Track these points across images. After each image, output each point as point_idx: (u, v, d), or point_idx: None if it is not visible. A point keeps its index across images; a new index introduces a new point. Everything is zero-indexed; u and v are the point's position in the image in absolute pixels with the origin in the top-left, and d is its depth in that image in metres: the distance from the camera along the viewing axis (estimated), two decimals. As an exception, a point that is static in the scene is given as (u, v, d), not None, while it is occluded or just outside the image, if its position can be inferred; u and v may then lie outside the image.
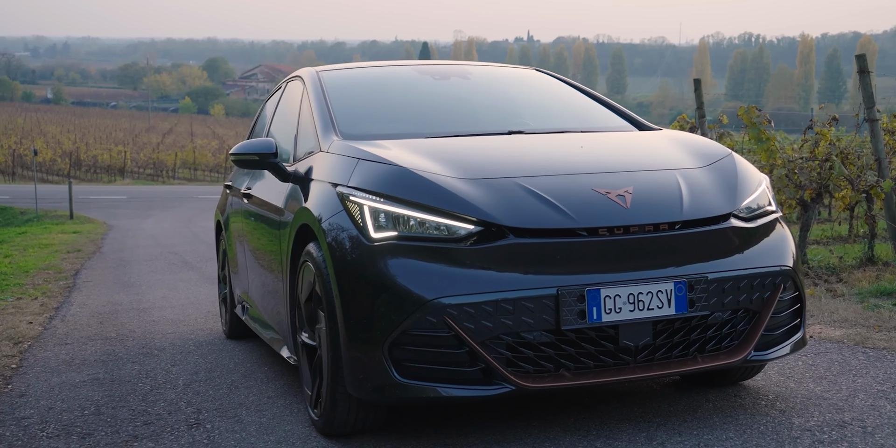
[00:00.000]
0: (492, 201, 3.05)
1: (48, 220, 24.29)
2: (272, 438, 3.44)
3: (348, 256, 3.09)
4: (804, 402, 3.56)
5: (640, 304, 3.04)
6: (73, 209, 25.44)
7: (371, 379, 3.01)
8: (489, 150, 3.53)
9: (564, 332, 3.00)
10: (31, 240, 17.00)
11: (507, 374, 2.95)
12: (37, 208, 27.21)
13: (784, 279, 3.32)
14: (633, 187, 3.18)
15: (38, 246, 15.45)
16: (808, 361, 4.30)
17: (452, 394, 2.96)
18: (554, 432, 3.29)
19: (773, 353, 3.31)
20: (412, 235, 3.04)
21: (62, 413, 4.01)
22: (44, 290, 9.20)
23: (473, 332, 2.93)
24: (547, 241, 3.00)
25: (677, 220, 3.13)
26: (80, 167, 52.14)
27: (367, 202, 3.13)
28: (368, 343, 3.00)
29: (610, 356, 3.07)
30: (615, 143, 3.77)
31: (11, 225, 24.83)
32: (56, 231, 19.44)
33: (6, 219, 27.80)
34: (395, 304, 2.95)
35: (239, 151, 3.98)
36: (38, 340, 6.06)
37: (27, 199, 30.56)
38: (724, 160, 3.54)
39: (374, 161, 3.31)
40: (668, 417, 3.42)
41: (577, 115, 4.28)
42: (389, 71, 4.59)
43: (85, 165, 52.84)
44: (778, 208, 3.58)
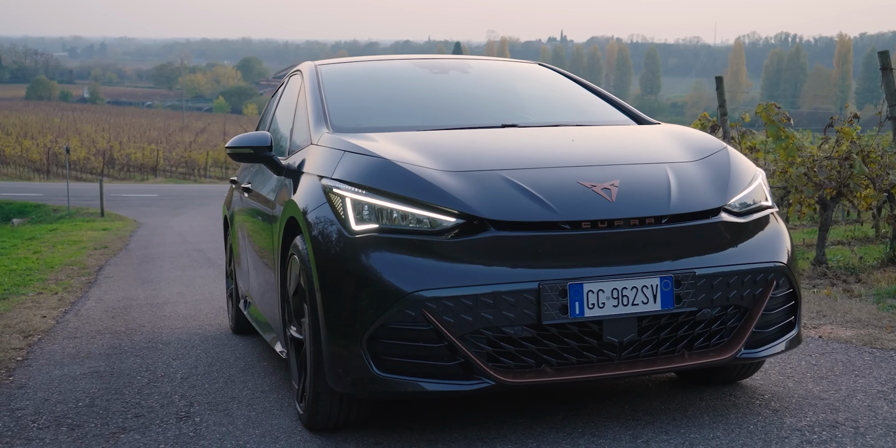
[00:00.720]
0: (474, 194, 3.01)
1: (79, 217, 24.60)
2: (257, 432, 3.43)
3: (330, 249, 3.07)
4: (799, 402, 3.48)
5: (624, 299, 2.98)
6: (105, 207, 25.76)
7: (350, 373, 2.98)
8: (477, 143, 3.49)
9: (546, 327, 2.95)
10: (61, 236, 17.21)
11: (487, 368, 2.91)
12: (69, 206, 27.57)
13: (777, 276, 3.24)
14: (619, 181, 3.12)
15: (67, 242, 15.64)
16: (811, 361, 4.21)
17: (431, 388, 2.92)
18: (539, 429, 3.24)
19: (765, 351, 3.24)
20: (393, 228, 3.01)
21: (56, 405, 4.02)
22: (65, 286, 9.29)
23: (453, 326, 2.89)
24: (528, 234, 2.95)
25: (664, 214, 3.07)
26: (114, 165, 52.74)
27: (349, 194, 3.10)
28: (347, 336, 2.97)
29: (593, 352, 3.01)
30: (608, 137, 3.71)
31: (44, 222, 25.19)
32: (86, 228, 19.68)
33: (39, 216, 28.21)
34: (374, 297, 2.92)
35: (234, 144, 3.98)
36: (48, 334, 6.11)
37: (60, 196, 30.97)
38: (718, 154, 3.47)
39: (358, 153, 3.28)
40: (658, 416, 3.36)
41: (576, 109, 4.23)
42: (388, 65, 4.56)
43: (118, 164, 53.44)
44: (774, 204, 3.50)
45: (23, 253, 13.70)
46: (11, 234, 18.97)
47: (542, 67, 4.70)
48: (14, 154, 53.90)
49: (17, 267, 11.50)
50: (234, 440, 3.34)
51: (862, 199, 8.15)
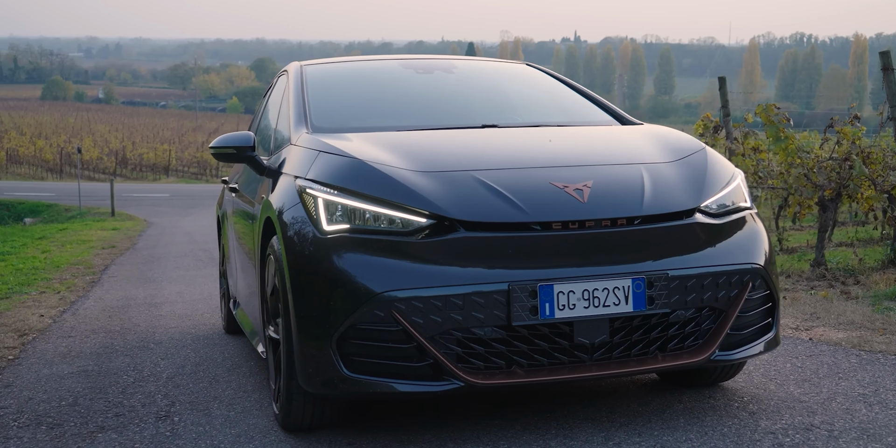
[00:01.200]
0: (444, 194, 3.01)
1: (90, 217, 24.73)
2: (233, 432, 3.43)
3: (301, 249, 3.07)
4: (778, 405, 3.46)
5: (595, 300, 2.97)
6: (116, 207, 25.89)
7: (320, 373, 2.98)
8: (454, 143, 3.48)
9: (516, 329, 2.94)
10: (71, 236, 17.31)
11: (456, 370, 2.90)
12: (80, 205, 27.71)
13: (753, 277, 3.22)
14: (592, 181, 3.11)
15: (76, 242, 15.73)
16: (796, 364, 4.18)
17: (400, 389, 2.92)
18: (513, 431, 3.23)
19: (741, 353, 3.22)
20: (364, 228, 3.01)
21: (40, 404, 4.04)
22: (69, 285, 9.34)
23: (422, 326, 2.89)
24: (498, 234, 2.94)
25: (637, 214, 3.05)
26: (126, 165, 52.99)
27: (321, 195, 3.10)
28: (318, 337, 2.97)
29: (565, 353, 3.00)
30: (586, 138, 3.70)
31: (55, 221, 25.33)
32: (96, 228, 19.78)
33: (51, 216, 28.37)
34: (343, 297, 2.92)
35: (217, 144, 3.98)
36: (43, 333, 6.14)
37: (72, 196, 31.14)
38: (695, 155, 3.45)
39: (332, 153, 3.28)
40: (634, 418, 3.34)
41: (559, 109, 4.22)
42: (374, 65, 4.56)
43: (131, 164, 53.69)
44: (753, 205, 3.48)
45: (32, 252, 13.78)
46: (22, 234, 19.09)
47: (531, 68, 4.69)
48: (28, 154, 54.23)
49: (24, 266, 11.57)
50: (209, 440, 3.34)
51: (863, 200, 8.10)
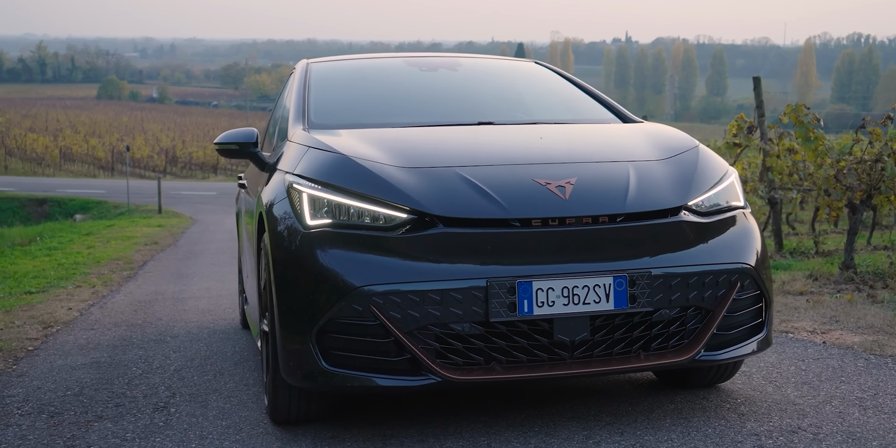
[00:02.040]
0: (425, 190, 3.02)
1: (138, 214, 25.20)
2: (224, 423, 3.48)
3: (285, 243, 3.11)
4: (770, 407, 3.41)
5: (574, 297, 2.96)
6: (163, 204, 26.34)
7: (301, 366, 3.01)
8: (443, 139, 3.49)
9: (494, 325, 2.94)
10: (117, 232, 17.65)
11: (433, 365, 2.91)
12: (128, 203, 28.24)
13: (742, 277, 3.18)
14: (576, 178, 3.10)
15: (121, 238, 16.04)
16: (801, 366, 4.12)
17: (377, 383, 2.94)
18: (497, 427, 3.23)
19: (728, 354, 3.18)
20: (346, 223, 3.03)
21: (46, 393, 4.13)
22: (105, 280, 9.53)
23: (399, 321, 2.90)
24: (477, 230, 2.95)
25: (619, 212, 3.03)
26: (176, 164, 53.84)
27: (306, 190, 3.13)
28: (298, 330, 3.00)
29: (544, 351, 2.99)
30: (579, 135, 3.68)
31: (105, 218, 25.84)
32: (142, 224, 20.15)
33: (100, 212, 28.96)
34: (323, 291, 2.95)
35: (221, 140, 4.04)
36: (67, 325, 6.27)
37: (122, 193, 31.74)
38: (686, 153, 3.42)
39: (320, 149, 3.32)
40: (620, 417, 3.32)
41: (561, 107, 4.20)
42: (379, 62, 4.59)
43: (180, 162, 54.54)
44: (746, 204, 3.44)
45: (77, 248, 14.08)
46: (70, 230, 19.51)
47: (539, 66, 4.68)
48: (81, 152, 55.37)
49: (67, 261, 11.84)
50: (198, 431, 3.39)
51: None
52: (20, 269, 10.65)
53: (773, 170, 9.53)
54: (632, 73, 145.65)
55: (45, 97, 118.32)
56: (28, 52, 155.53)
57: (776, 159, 9.60)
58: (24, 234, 18.42)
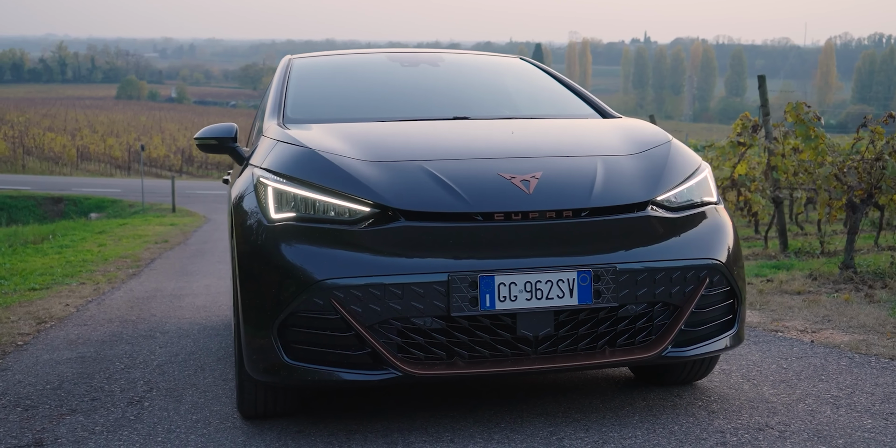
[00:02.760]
0: (388, 184, 3.01)
1: (152, 212, 25.33)
2: (194, 417, 3.48)
3: (250, 237, 3.10)
4: (741, 405, 3.38)
5: (538, 292, 2.93)
6: (178, 203, 26.48)
7: (263, 360, 3.00)
8: (413, 133, 3.48)
9: (456, 320, 2.92)
10: (129, 231, 17.75)
11: (394, 359, 2.89)
12: (143, 201, 28.40)
13: (711, 273, 3.15)
14: (542, 173, 3.08)
15: (133, 236, 16.12)
16: (782, 364, 4.08)
17: (338, 378, 2.92)
18: (464, 423, 3.22)
19: (695, 350, 3.15)
20: (310, 217, 3.02)
21: (26, 387, 4.15)
22: (110, 277, 9.57)
23: (360, 315, 2.89)
24: (438, 224, 2.93)
25: (584, 206, 3.01)
26: (192, 163, 54.10)
27: (272, 183, 3.13)
28: (260, 324, 2.99)
29: (507, 346, 2.97)
30: (551, 130, 3.66)
31: (119, 217, 26.01)
32: (155, 223, 20.25)
33: (115, 211, 29.14)
34: (285, 284, 2.94)
35: (200, 135, 4.04)
36: (61, 321, 6.30)
37: (138, 192, 31.92)
38: (657, 148, 3.38)
39: (288, 143, 3.31)
40: (589, 414, 3.29)
41: (540, 102, 4.18)
42: (361, 58, 4.58)
43: (197, 161, 54.80)
44: (720, 199, 3.40)
45: (89, 245, 14.16)
46: (84, 228, 19.64)
47: (523, 62, 4.66)
48: (98, 151, 55.75)
49: (76, 259, 11.90)
50: (167, 424, 3.39)
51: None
52: (29, 267, 10.71)
53: (777, 169, 9.47)
54: (650, 74, 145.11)
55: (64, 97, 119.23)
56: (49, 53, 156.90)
57: (781, 158, 9.53)
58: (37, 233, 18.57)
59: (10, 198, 32.81)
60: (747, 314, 5.64)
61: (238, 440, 3.15)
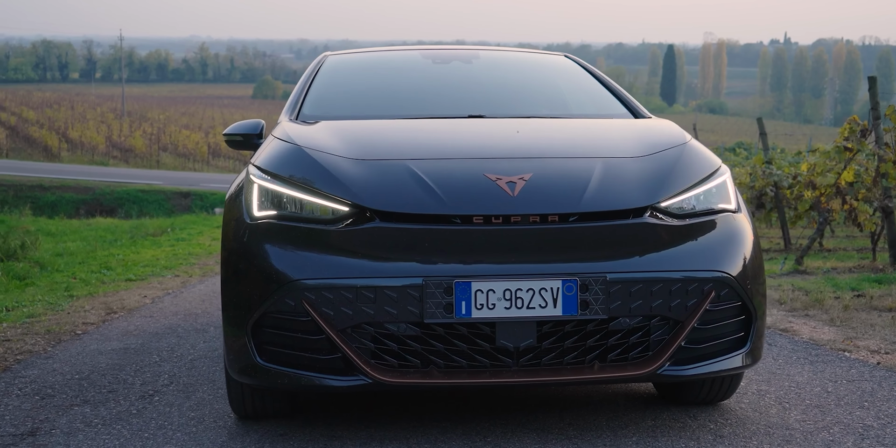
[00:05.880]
0: (368, 183, 2.90)
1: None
2: (192, 415, 3.46)
3: (233, 234, 3.06)
4: (757, 431, 3.13)
5: (518, 301, 2.77)
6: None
7: (238, 360, 2.95)
8: (410, 131, 3.37)
9: (432, 327, 2.79)
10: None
11: (364, 365, 2.78)
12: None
13: (718, 287, 2.90)
14: (532, 174, 2.90)
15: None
16: (827, 387, 3.77)
17: (308, 382, 2.84)
18: (452, 434, 3.08)
19: (697, 369, 2.91)
20: (290, 215, 2.95)
21: (56, 375, 4.24)
22: (205, 270, 9.80)
23: (332, 318, 2.79)
24: (414, 226, 2.80)
25: (572, 211, 2.82)
26: (318, 161, 55.25)
27: (258, 180, 3.07)
28: (236, 323, 2.94)
29: (486, 356, 2.82)
30: (563, 129, 3.47)
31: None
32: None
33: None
34: (259, 283, 2.87)
35: (228, 131, 4.04)
36: (130, 312, 6.46)
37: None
38: (669, 150, 3.15)
39: (281, 139, 3.26)
40: (587, 432, 3.10)
41: (570, 101, 3.99)
42: (395, 55, 4.50)
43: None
44: (739, 206, 3.14)
45: (203, 240, 14.58)
46: (205, 223, 20.28)
47: (567, 60, 4.47)
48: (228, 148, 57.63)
49: (183, 252, 12.26)
50: (163, 420, 3.39)
51: None
52: (140, 258, 11.08)
53: (888, 176, 8.87)
54: (789, 76, 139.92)
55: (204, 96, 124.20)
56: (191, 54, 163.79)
57: (892, 165, 8.93)
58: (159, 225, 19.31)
59: (141, 192, 34.33)
60: (821, 330, 5.28)
61: (219, 440, 3.11)
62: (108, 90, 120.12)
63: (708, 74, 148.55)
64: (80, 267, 9.61)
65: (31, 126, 57.15)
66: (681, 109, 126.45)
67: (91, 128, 58.74)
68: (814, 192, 9.91)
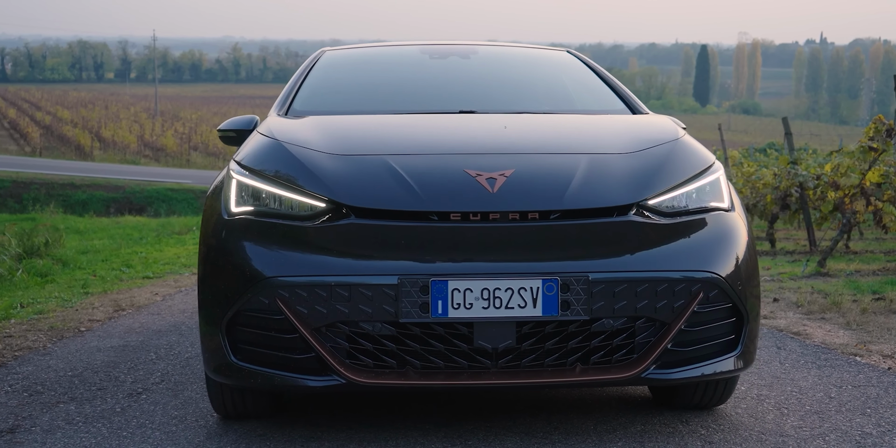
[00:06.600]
0: (344, 179, 2.83)
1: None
2: (174, 414, 3.41)
3: (210, 230, 3.00)
4: (748, 438, 3.02)
5: (496, 301, 2.68)
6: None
7: (213, 359, 2.89)
8: (394, 126, 3.30)
9: (408, 326, 2.71)
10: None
11: (337, 365, 2.71)
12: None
13: (706, 288, 2.80)
14: (514, 170, 2.82)
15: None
16: (830, 393, 3.65)
17: (280, 382, 2.77)
18: (432, 437, 3.00)
19: (684, 373, 2.81)
20: (267, 211, 2.89)
21: (48, 372, 4.21)
22: (222, 268, 9.81)
23: (306, 317, 2.73)
24: (390, 223, 2.73)
25: (553, 208, 2.73)
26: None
27: (237, 176, 3.02)
28: (211, 320, 2.88)
29: (464, 357, 2.74)
30: (552, 125, 3.38)
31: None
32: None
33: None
34: (234, 281, 2.82)
35: (222, 127, 4.00)
36: (138, 309, 6.44)
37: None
38: (660, 146, 3.05)
39: (262, 135, 3.21)
40: (571, 435, 3.01)
41: (567, 97, 3.90)
42: (392, 50, 4.43)
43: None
44: (733, 205, 3.03)
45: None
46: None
47: (569, 55, 4.38)
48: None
49: (205, 249, 12.29)
50: (144, 419, 3.34)
51: None
52: (162, 256, 11.10)
53: (915, 178, 8.68)
54: (825, 77, 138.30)
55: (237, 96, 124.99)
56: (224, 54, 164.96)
57: (918, 166, 8.73)
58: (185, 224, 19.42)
59: (171, 190, 34.56)
60: (835, 334, 5.14)
61: (196, 440, 3.05)
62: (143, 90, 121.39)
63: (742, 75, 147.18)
64: (101, 264, 9.65)
65: (65, 125, 57.83)
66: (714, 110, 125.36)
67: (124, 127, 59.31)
68: (837, 192, 9.72)
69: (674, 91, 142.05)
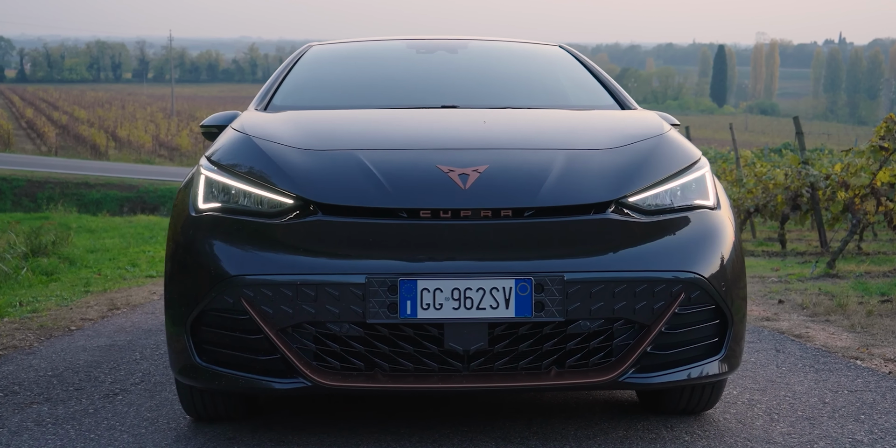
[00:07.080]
0: (313, 174, 2.74)
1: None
2: (147, 415, 3.33)
3: (177, 228, 2.92)
4: (735, 444, 2.90)
5: (467, 301, 2.58)
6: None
7: (178, 360, 2.81)
8: (368, 121, 3.21)
9: (376, 327, 2.62)
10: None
11: (302, 367, 2.62)
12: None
13: (688, 288, 2.69)
14: (488, 166, 2.72)
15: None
16: (824, 398, 3.53)
17: (245, 384, 2.69)
18: (406, 442, 2.90)
19: (664, 376, 2.70)
20: (234, 208, 2.80)
21: (28, 372, 4.14)
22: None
23: (271, 317, 2.64)
24: (357, 220, 2.63)
25: (527, 206, 2.63)
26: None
27: (206, 172, 2.94)
28: (176, 320, 2.80)
29: (434, 360, 2.64)
30: (533, 120, 3.28)
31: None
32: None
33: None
34: (199, 279, 2.73)
35: (205, 123, 3.92)
36: (132, 309, 6.38)
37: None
38: (643, 142, 2.94)
39: (234, 130, 3.12)
40: (550, 441, 2.91)
41: (554, 93, 3.80)
42: (379, 45, 4.33)
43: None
44: (718, 203, 2.92)
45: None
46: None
47: (560, 50, 4.27)
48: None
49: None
50: (114, 421, 3.26)
51: None
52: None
53: (926, 177, 8.52)
54: (843, 77, 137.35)
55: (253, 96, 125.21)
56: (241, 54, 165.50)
57: (930, 166, 8.57)
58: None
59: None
60: (838, 336, 5.01)
61: (163, 443, 2.97)
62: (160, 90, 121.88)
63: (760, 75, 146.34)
64: (108, 263, 9.60)
65: (81, 125, 58.11)
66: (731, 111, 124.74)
67: (139, 127, 59.56)
68: (847, 192, 9.56)
69: (691, 91, 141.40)
